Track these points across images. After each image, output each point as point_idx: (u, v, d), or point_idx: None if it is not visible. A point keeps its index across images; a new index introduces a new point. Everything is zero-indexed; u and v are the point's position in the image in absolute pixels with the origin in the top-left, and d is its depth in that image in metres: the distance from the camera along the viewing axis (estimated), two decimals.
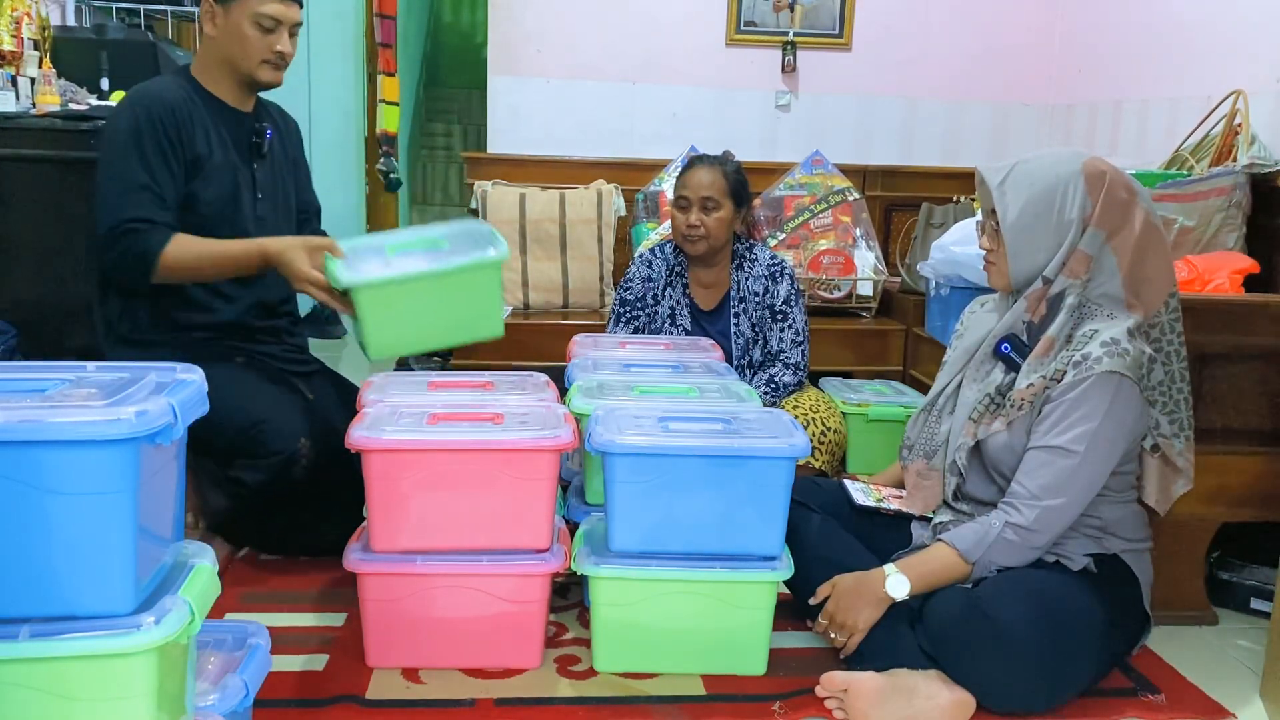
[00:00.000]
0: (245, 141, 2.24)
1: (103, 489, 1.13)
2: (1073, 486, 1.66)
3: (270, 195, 2.29)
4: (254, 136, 2.25)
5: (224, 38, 2.14)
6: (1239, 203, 2.45)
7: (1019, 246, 1.72)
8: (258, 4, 2.11)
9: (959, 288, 2.72)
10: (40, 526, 1.13)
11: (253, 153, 2.25)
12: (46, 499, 1.12)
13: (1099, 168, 1.71)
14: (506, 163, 3.79)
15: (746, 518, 1.71)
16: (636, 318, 2.76)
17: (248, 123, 2.25)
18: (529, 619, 1.74)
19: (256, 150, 2.25)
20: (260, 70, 2.16)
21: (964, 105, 4.10)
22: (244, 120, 2.25)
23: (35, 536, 1.14)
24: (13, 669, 1.10)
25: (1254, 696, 1.79)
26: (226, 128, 2.20)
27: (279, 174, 2.34)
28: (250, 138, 2.25)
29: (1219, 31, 3.08)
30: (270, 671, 1.44)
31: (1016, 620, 1.58)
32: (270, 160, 2.29)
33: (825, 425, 2.62)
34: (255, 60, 2.15)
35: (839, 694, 1.64)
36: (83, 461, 1.12)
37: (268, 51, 2.15)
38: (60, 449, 1.11)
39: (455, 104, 7.60)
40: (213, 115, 2.18)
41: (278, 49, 2.15)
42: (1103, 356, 1.63)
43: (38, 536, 1.14)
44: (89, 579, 1.15)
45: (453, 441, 1.67)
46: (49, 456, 1.11)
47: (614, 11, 3.90)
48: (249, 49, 2.14)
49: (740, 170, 2.72)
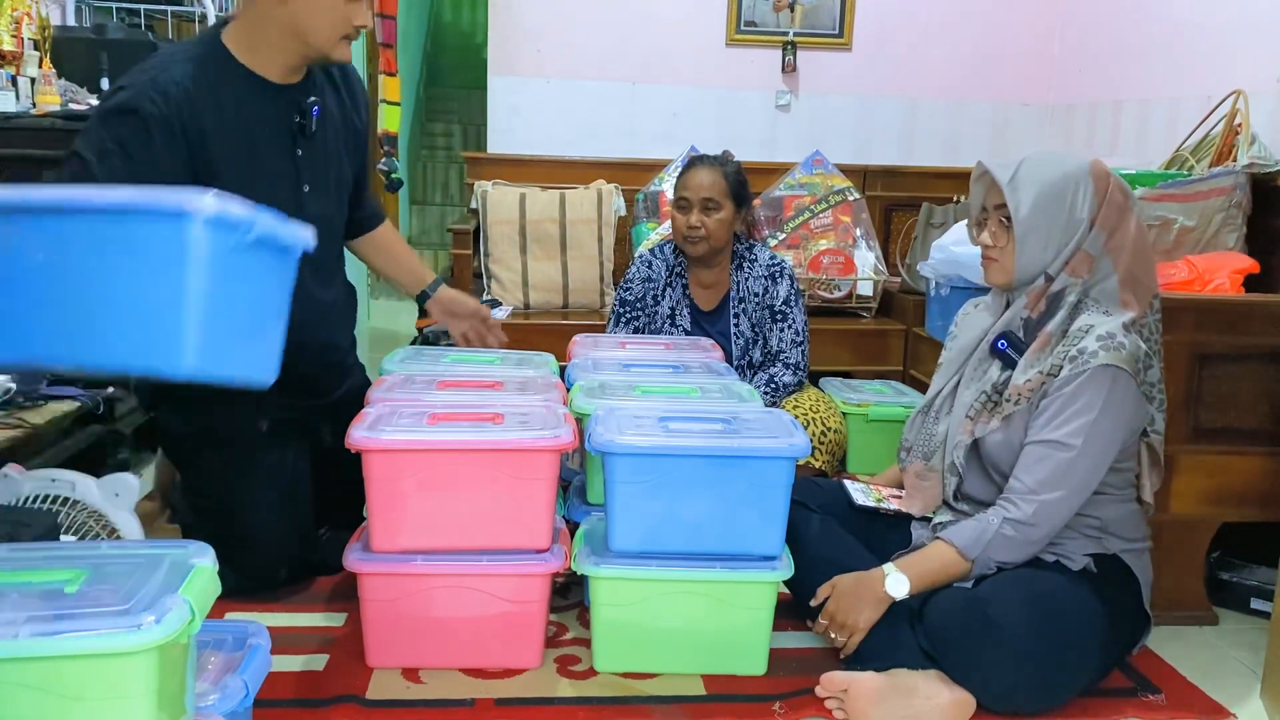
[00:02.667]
0: (287, 123, 1.91)
1: None
2: (1070, 480, 1.66)
3: (322, 183, 2.00)
4: (299, 116, 1.92)
5: (299, 6, 1.81)
6: (1239, 203, 2.45)
7: (1029, 241, 1.71)
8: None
9: (959, 288, 2.72)
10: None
11: (296, 135, 1.93)
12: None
13: (1103, 169, 1.73)
14: (506, 163, 3.79)
15: (747, 518, 1.71)
16: (636, 318, 2.76)
17: (290, 98, 1.92)
18: (529, 619, 1.74)
19: (301, 130, 1.93)
20: (336, 48, 1.87)
21: (964, 105, 4.11)
22: (285, 95, 1.91)
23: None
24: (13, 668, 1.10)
25: (1254, 696, 1.79)
26: (261, 110, 1.88)
27: (331, 151, 2.02)
28: (294, 117, 1.92)
29: (1219, 31, 3.08)
30: (270, 671, 1.44)
31: (1016, 620, 1.58)
32: (318, 141, 1.97)
33: (825, 425, 2.62)
34: (335, 35, 1.85)
35: (839, 694, 1.64)
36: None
37: (347, 24, 1.85)
38: None
39: (455, 104, 7.60)
40: (242, 98, 1.86)
41: (358, 23, 1.86)
42: (1099, 350, 1.63)
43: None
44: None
45: (453, 441, 1.67)
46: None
47: (614, 11, 3.90)
48: (330, 21, 1.83)
49: (740, 171, 2.72)
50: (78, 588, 1.18)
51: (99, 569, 1.23)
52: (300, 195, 1.95)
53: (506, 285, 3.49)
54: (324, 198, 2.00)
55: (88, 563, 1.24)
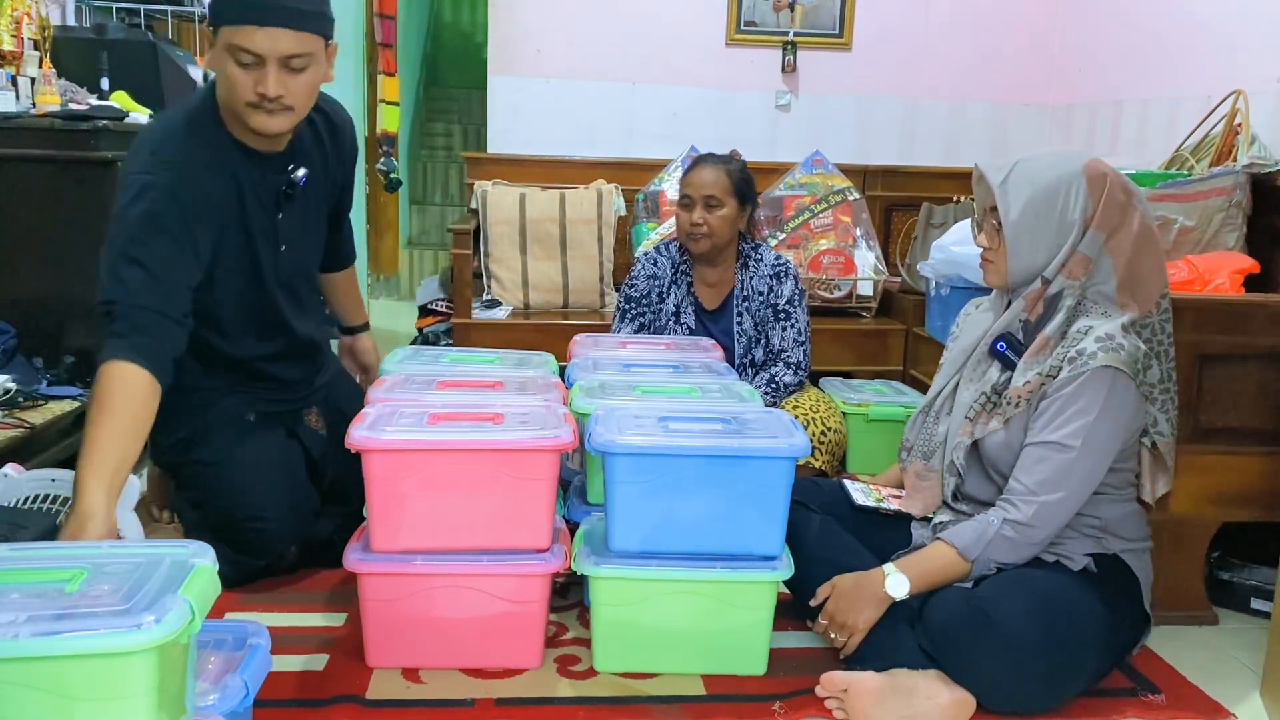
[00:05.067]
0: (272, 192, 1.93)
1: None
2: (1070, 481, 1.66)
3: (299, 240, 2.04)
4: (285, 186, 1.94)
5: (218, 75, 1.78)
6: (1239, 203, 2.45)
7: (1020, 245, 1.72)
8: (230, 33, 1.71)
9: (959, 288, 2.72)
10: None
11: (281, 201, 1.95)
12: None
13: (1100, 169, 1.71)
14: (506, 163, 3.79)
15: (747, 518, 1.71)
16: (642, 314, 2.77)
17: (276, 167, 1.93)
18: (529, 619, 1.74)
19: (286, 197, 1.95)
20: (249, 114, 1.78)
21: (964, 105, 4.11)
22: (271, 166, 1.92)
23: None
24: (13, 668, 1.10)
25: (1254, 696, 1.79)
26: (249, 181, 1.90)
27: (311, 211, 2.06)
28: (280, 186, 1.94)
29: (1219, 31, 3.08)
30: (270, 671, 1.44)
31: (1017, 620, 1.58)
32: (299, 205, 2.00)
33: (825, 425, 2.62)
34: (240, 102, 1.77)
35: (839, 694, 1.64)
36: None
37: (250, 93, 1.74)
38: None
39: (455, 104, 7.59)
40: (234, 169, 1.88)
41: (260, 90, 1.74)
42: (1098, 352, 1.63)
43: None
44: None
45: (452, 441, 1.67)
46: None
47: (614, 11, 3.90)
48: (232, 88, 1.76)
49: (745, 169, 2.73)
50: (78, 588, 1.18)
51: (99, 569, 1.23)
52: (277, 254, 1.99)
53: (506, 285, 3.49)
54: (298, 254, 2.05)
55: (88, 563, 1.24)
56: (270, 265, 1.97)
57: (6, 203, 2.46)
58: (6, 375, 2.20)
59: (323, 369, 2.24)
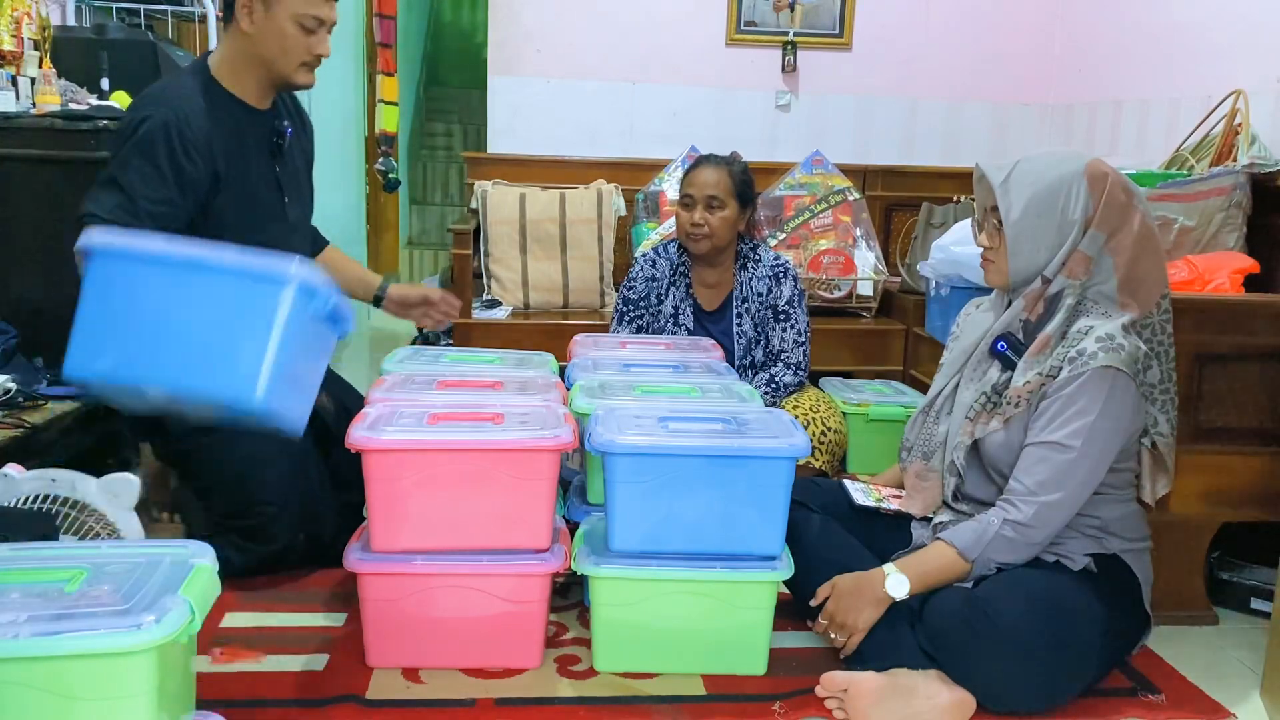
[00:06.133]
0: (267, 142, 2.15)
1: None
2: (1070, 481, 1.66)
3: (296, 196, 2.22)
4: (275, 136, 2.15)
5: (262, 36, 2.02)
6: (1239, 203, 2.45)
7: (1020, 245, 1.72)
8: (303, 4, 2.00)
9: (959, 288, 2.72)
10: None
11: (274, 153, 2.16)
12: None
13: (1101, 169, 1.71)
14: (506, 163, 3.79)
15: (747, 518, 1.71)
16: (640, 316, 2.76)
17: (268, 121, 2.15)
18: (529, 619, 1.74)
19: (278, 149, 2.16)
20: (298, 73, 2.07)
21: (964, 105, 4.11)
22: (264, 119, 2.14)
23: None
24: (13, 668, 1.10)
25: (1254, 696, 1.79)
26: (249, 131, 2.10)
27: (298, 172, 2.26)
28: (272, 137, 2.15)
29: (1219, 31, 3.08)
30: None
31: (1017, 620, 1.58)
32: (289, 159, 2.21)
33: (825, 425, 2.62)
34: (295, 62, 2.05)
35: (839, 694, 1.64)
36: None
37: (307, 53, 2.05)
38: None
39: (455, 104, 7.60)
40: (234, 120, 2.08)
41: (317, 51, 2.06)
42: (1098, 352, 1.63)
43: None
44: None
45: (452, 441, 1.67)
46: None
47: (614, 11, 3.90)
48: (289, 49, 2.03)
49: (746, 170, 2.73)
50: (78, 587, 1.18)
51: (99, 569, 1.23)
52: (284, 204, 2.18)
53: (506, 285, 3.49)
54: (298, 206, 2.25)
55: (88, 562, 1.24)
56: (280, 212, 2.15)
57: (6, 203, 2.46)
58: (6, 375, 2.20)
59: None
